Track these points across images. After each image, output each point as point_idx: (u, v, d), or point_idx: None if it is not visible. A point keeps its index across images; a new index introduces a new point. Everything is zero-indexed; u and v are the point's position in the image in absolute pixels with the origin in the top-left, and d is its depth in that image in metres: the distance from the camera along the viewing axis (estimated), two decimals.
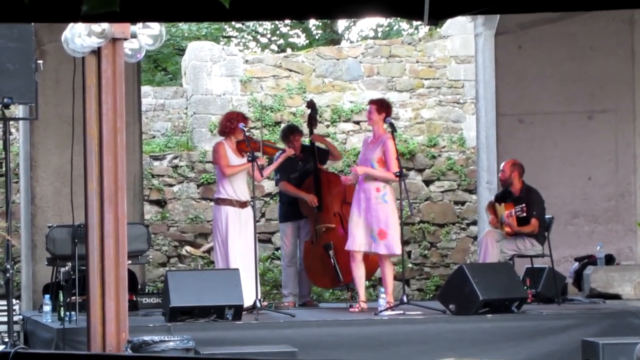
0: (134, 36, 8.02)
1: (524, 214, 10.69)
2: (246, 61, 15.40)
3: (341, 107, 15.32)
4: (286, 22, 20.79)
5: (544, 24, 12.44)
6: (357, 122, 15.24)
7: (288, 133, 11.31)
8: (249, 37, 21.86)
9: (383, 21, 21.47)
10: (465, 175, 15.02)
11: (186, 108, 15.48)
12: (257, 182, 11.49)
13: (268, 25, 21.24)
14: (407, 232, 14.50)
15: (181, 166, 14.63)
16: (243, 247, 10.02)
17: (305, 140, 11.49)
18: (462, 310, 9.48)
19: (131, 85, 10.90)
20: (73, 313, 9.00)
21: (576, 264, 11.99)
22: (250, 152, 9.99)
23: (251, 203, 10.32)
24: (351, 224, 10.23)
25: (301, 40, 21.55)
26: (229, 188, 10.22)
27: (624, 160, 12.61)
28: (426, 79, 15.54)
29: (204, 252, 14.50)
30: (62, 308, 9.03)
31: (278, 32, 21.65)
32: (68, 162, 8.61)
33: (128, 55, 8.12)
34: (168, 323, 8.86)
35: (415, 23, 18.93)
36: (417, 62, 15.55)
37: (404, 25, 20.94)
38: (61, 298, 9.16)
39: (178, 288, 9.05)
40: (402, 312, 9.70)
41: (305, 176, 11.27)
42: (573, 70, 12.61)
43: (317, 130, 14.78)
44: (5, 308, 9.05)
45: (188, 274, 10.67)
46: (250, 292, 9.53)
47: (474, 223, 14.31)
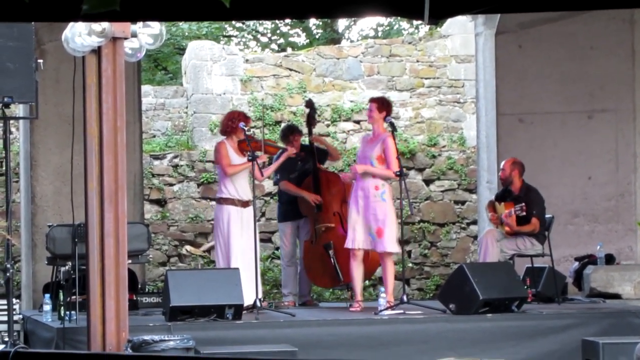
0: (134, 35, 8.02)
1: (524, 213, 10.68)
2: (246, 60, 15.39)
3: (341, 107, 15.31)
4: (286, 22, 20.78)
5: (544, 24, 12.44)
6: (358, 122, 15.24)
7: (288, 133, 11.30)
8: (249, 37, 21.86)
9: (383, 20, 21.48)
10: (465, 174, 15.02)
11: (186, 107, 15.48)
12: (258, 182, 11.48)
13: (268, 24, 21.23)
14: (407, 232, 14.50)
15: (181, 165, 14.62)
16: (244, 247, 10.01)
17: (304, 139, 11.48)
18: (462, 309, 9.47)
19: (131, 84, 10.89)
20: (73, 312, 9.00)
21: (576, 264, 11.99)
22: (250, 152, 9.98)
23: (252, 202, 10.32)
24: (350, 222, 10.23)
25: (301, 39, 21.55)
26: (231, 187, 10.21)
27: (624, 159, 12.61)
28: (426, 79, 15.53)
29: (204, 252, 14.50)
30: (62, 307, 9.03)
31: (278, 32, 21.65)
32: (68, 162, 8.61)
33: (128, 54, 8.12)
34: (168, 322, 8.85)
35: (415, 22, 18.93)
36: (418, 62, 15.54)
37: (405, 24, 20.93)
38: (61, 297, 9.16)
39: (178, 287, 9.05)
40: (402, 312, 9.69)
41: (304, 176, 11.26)
42: (573, 69, 12.61)
43: (317, 129, 14.83)
44: (5, 307, 9.04)
45: (188, 274, 10.67)
46: (251, 292, 9.53)
47: (474, 222, 14.30)
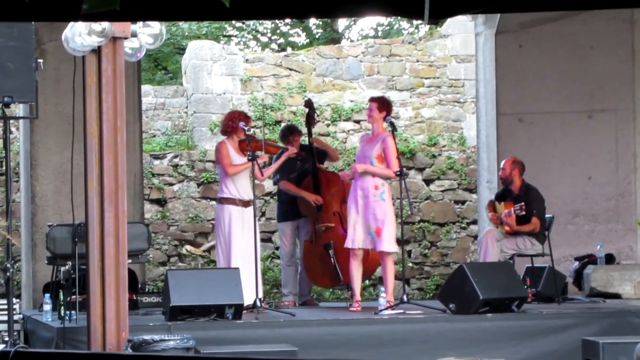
0: (134, 35, 8.02)
1: (523, 213, 10.67)
2: (246, 60, 15.39)
3: (341, 106, 15.31)
4: (286, 21, 20.78)
5: (545, 23, 12.44)
6: (358, 121, 15.24)
7: (287, 133, 11.29)
8: (249, 36, 21.86)
9: (383, 20, 21.48)
10: (465, 174, 15.02)
11: (186, 107, 15.48)
12: (259, 181, 11.47)
13: (268, 24, 21.23)
14: (407, 231, 14.50)
15: (181, 165, 14.62)
16: (245, 247, 10.00)
17: (304, 139, 11.47)
18: (462, 309, 9.47)
19: (131, 84, 10.89)
20: (73, 312, 9.00)
21: (576, 263, 11.98)
22: (250, 151, 9.98)
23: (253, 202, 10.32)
24: (350, 222, 10.23)
25: (301, 39, 21.55)
26: (232, 187, 10.21)
27: (624, 159, 12.61)
28: (426, 78, 15.54)
29: (204, 251, 14.50)
30: (63, 307, 9.03)
31: (278, 31, 21.65)
32: (68, 161, 8.61)
33: (128, 54, 8.12)
34: (168, 322, 8.85)
35: (415, 22, 18.93)
36: (418, 61, 15.54)
37: (405, 24, 20.94)
38: (61, 297, 9.15)
39: (178, 287, 9.05)
40: (402, 311, 9.69)
41: (303, 176, 11.26)
42: (573, 69, 12.60)
43: (317, 129, 14.84)
44: (5, 307, 9.04)
45: (188, 273, 10.67)
46: (252, 292, 9.54)
47: (474, 222, 14.30)
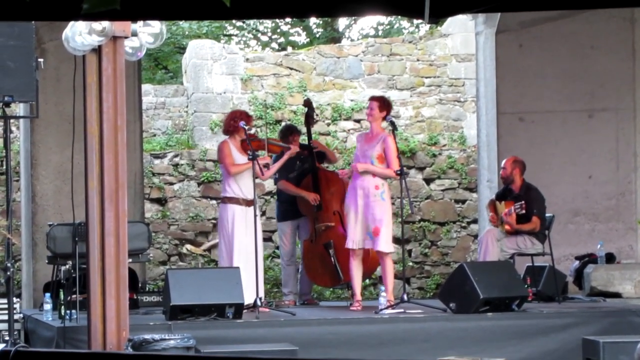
0: (135, 34, 8.02)
1: (523, 211, 10.67)
2: (247, 59, 15.39)
3: (342, 106, 15.31)
4: (287, 21, 20.78)
5: (545, 23, 12.44)
6: (358, 121, 15.23)
7: (287, 133, 11.28)
8: (250, 36, 21.86)
9: (384, 19, 21.48)
10: (465, 173, 15.01)
11: (187, 106, 15.47)
12: (262, 181, 11.47)
13: (269, 23, 21.23)
14: (408, 231, 14.50)
15: (182, 164, 14.62)
16: (249, 246, 9.99)
17: (303, 139, 11.46)
18: (463, 308, 9.47)
19: (132, 83, 10.89)
20: (74, 311, 9.00)
21: (577, 263, 11.98)
22: (251, 151, 9.97)
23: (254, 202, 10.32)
24: (349, 222, 10.22)
25: (302, 38, 21.55)
26: (235, 187, 10.21)
27: (625, 158, 12.61)
28: (427, 78, 15.54)
29: (205, 251, 14.50)
30: (63, 306, 9.03)
31: (279, 31, 21.65)
32: (69, 161, 8.61)
33: (129, 53, 8.12)
34: (169, 321, 8.85)
35: (416, 21, 18.92)
36: (418, 61, 15.54)
37: (405, 23, 20.94)
38: (62, 296, 9.16)
39: (178, 286, 9.05)
40: (403, 311, 9.69)
41: (303, 175, 11.26)
42: (574, 68, 12.60)
43: (318, 128, 14.85)
44: (5, 306, 9.05)
45: (188, 273, 10.67)
46: (255, 291, 9.56)
47: (475, 221, 14.30)
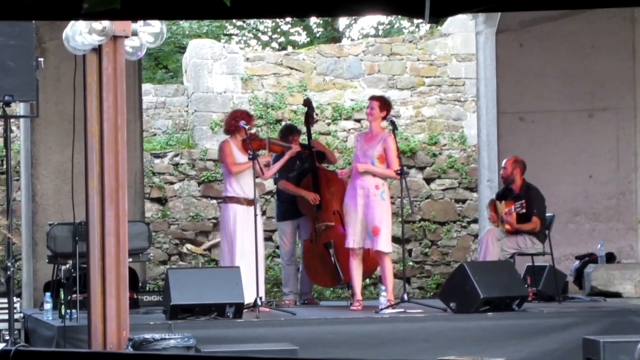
0: (135, 34, 8.02)
1: (524, 210, 10.66)
2: (247, 59, 15.39)
3: (342, 105, 15.31)
4: (287, 20, 20.78)
5: (545, 22, 12.43)
6: (358, 120, 15.23)
7: (287, 133, 11.29)
8: (250, 35, 21.85)
9: (384, 19, 21.48)
10: (466, 173, 15.01)
11: (187, 106, 15.47)
12: (263, 180, 11.46)
13: (269, 23, 21.22)
14: (408, 230, 14.50)
15: (182, 164, 14.62)
16: (250, 245, 9.99)
17: (303, 138, 11.46)
18: (463, 308, 9.47)
19: (132, 83, 10.89)
20: (74, 311, 9.00)
21: (577, 262, 11.98)
22: (251, 150, 9.97)
23: (257, 200, 10.32)
24: (349, 222, 10.21)
25: (302, 38, 21.55)
26: (236, 186, 10.21)
27: (625, 158, 12.60)
28: (427, 77, 15.53)
29: (205, 250, 14.49)
30: (63, 306, 9.03)
31: (279, 30, 21.64)
32: (69, 160, 8.61)
33: (129, 52, 8.12)
34: (169, 321, 8.86)
35: (416, 21, 18.92)
36: (418, 60, 15.53)
37: (405, 23, 20.93)
38: (62, 296, 9.16)
39: (179, 286, 9.05)
40: (403, 310, 9.69)
41: (303, 175, 11.26)
42: (574, 68, 12.59)
43: (318, 128, 14.85)
44: (6, 306, 9.05)
45: (189, 272, 10.67)
46: (260, 289, 9.58)
47: (475, 221, 14.30)
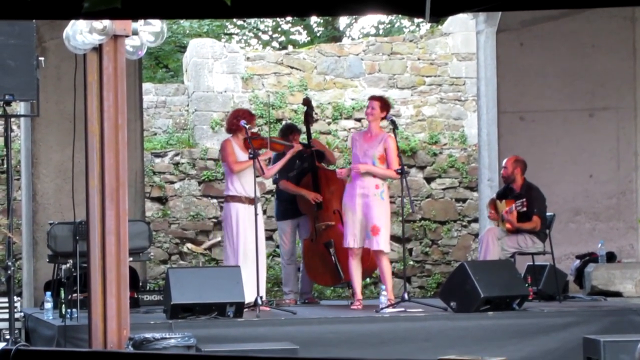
0: (135, 33, 8.02)
1: (525, 209, 10.66)
2: (247, 58, 15.39)
3: (342, 105, 15.31)
4: (288, 19, 20.78)
5: (546, 22, 12.43)
6: (359, 120, 15.23)
7: (287, 132, 11.28)
8: (251, 34, 21.85)
9: (384, 18, 21.47)
10: (466, 172, 15.01)
11: (187, 105, 15.48)
12: (265, 179, 11.46)
13: (269, 22, 21.21)
14: (408, 230, 14.50)
15: (182, 163, 14.62)
16: (253, 244, 9.99)
17: (303, 137, 11.46)
18: (463, 307, 9.47)
19: (132, 82, 10.89)
20: (74, 310, 9.01)
21: (577, 262, 11.98)
22: (251, 150, 9.98)
23: (258, 200, 10.33)
24: (348, 221, 10.20)
25: (302, 37, 21.55)
26: (238, 185, 10.21)
27: (626, 157, 12.60)
28: (427, 76, 15.54)
29: (205, 249, 14.50)
30: (64, 305, 9.03)
31: (279, 29, 21.64)
32: (69, 159, 8.61)
33: (129, 52, 8.12)
34: (169, 320, 8.86)
35: (416, 20, 18.92)
36: (419, 60, 15.54)
37: (406, 22, 20.93)
38: (62, 295, 9.16)
39: (179, 285, 9.05)
40: (403, 310, 9.69)
41: (303, 174, 11.26)
42: (574, 67, 12.59)
43: (319, 127, 14.85)
44: (6, 305, 9.05)
45: (189, 271, 10.67)
46: (261, 289, 9.60)
47: (475, 220, 14.30)
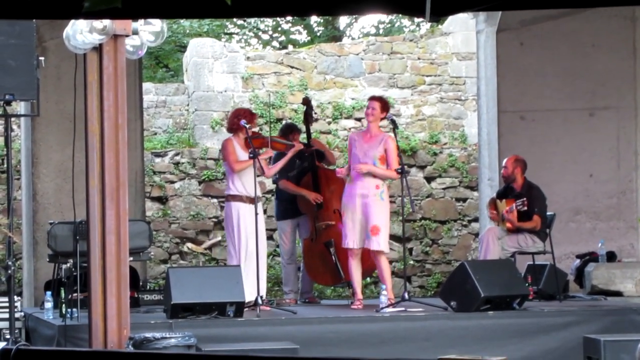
0: (136, 33, 8.02)
1: (525, 208, 10.66)
2: (248, 58, 15.39)
3: (342, 104, 15.31)
4: (288, 19, 20.78)
5: (546, 21, 12.43)
6: (359, 119, 15.23)
7: (287, 132, 11.29)
8: (251, 34, 21.85)
9: (384, 18, 21.46)
10: (466, 172, 15.01)
11: (187, 105, 15.48)
12: (266, 177, 11.48)
13: (269, 22, 21.21)
14: (409, 229, 14.50)
15: (182, 163, 14.62)
16: (254, 243, 9.99)
17: (303, 137, 11.46)
18: (464, 307, 9.47)
19: (132, 81, 10.89)
20: (74, 310, 9.00)
21: (578, 261, 11.97)
22: (252, 149, 9.98)
23: (259, 199, 10.33)
24: (348, 221, 10.20)
25: (303, 37, 21.55)
26: (239, 184, 10.21)
27: (626, 157, 12.60)
28: (428, 76, 15.54)
29: (206, 249, 14.50)
30: (64, 305, 9.03)
31: (279, 29, 21.64)
32: (69, 159, 8.61)
33: (129, 51, 8.12)
34: (169, 320, 8.86)
35: (417, 20, 18.92)
36: (419, 59, 15.54)
37: (406, 22, 20.93)
38: (63, 295, 9.16)
39: (179, 285, 9.05)
40: (404, 309, 9.69)
41: (302, 174, 11.26)
42: (575, 67, 12.59)
43: (319, 126, 14.86)
44: (6, 305, 9.05)
45: (189, 271, 10.68)
46: (262, 289, 9.61)
47: (476, 220, 14.30)
